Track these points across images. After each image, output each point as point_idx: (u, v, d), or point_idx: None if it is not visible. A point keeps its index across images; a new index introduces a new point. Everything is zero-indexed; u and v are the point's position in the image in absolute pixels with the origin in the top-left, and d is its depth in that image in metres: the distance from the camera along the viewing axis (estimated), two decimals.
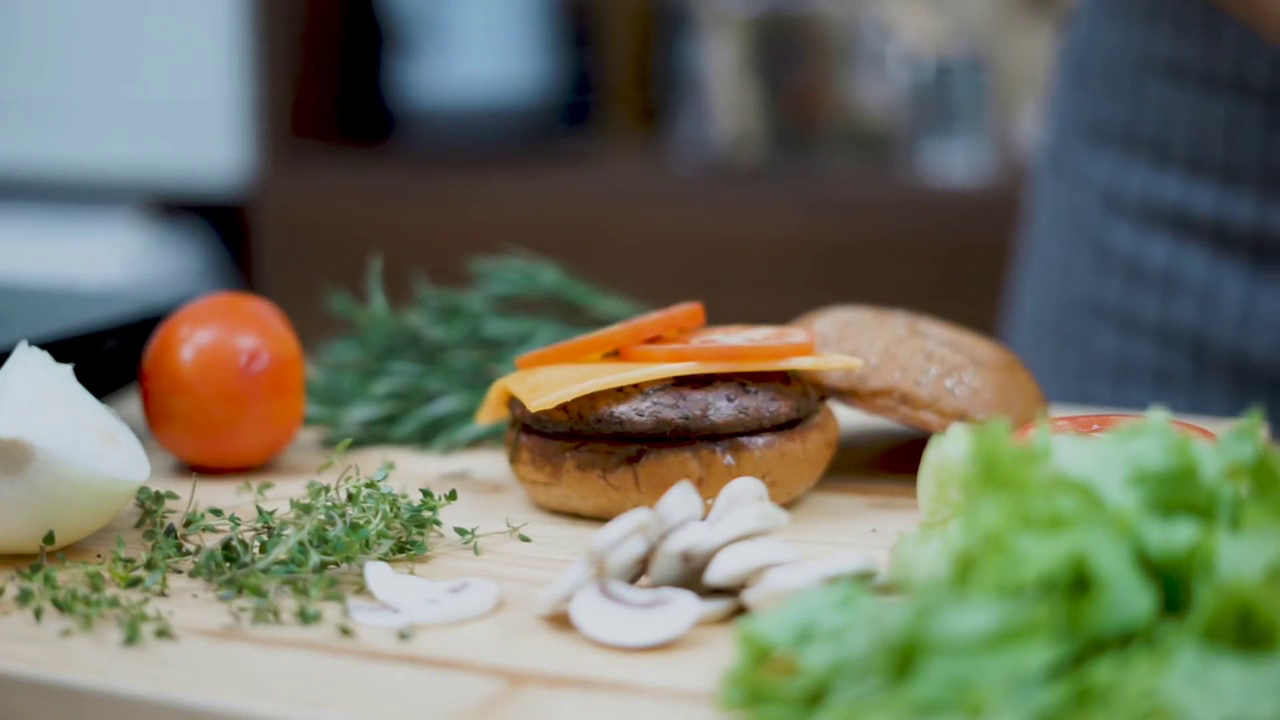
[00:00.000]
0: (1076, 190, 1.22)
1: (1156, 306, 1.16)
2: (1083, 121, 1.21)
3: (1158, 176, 1.15)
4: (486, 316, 1.03)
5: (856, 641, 0.54)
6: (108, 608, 0.69)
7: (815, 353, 0.84)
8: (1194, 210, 1.13)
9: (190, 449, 0.91)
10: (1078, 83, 1.22)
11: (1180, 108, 1.13)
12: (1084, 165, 1.20)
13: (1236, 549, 0.54)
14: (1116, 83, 1.17)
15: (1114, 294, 1.18)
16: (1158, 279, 1.16)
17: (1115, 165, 1.18)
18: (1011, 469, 0.57)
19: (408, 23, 2.80)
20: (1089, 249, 1.20)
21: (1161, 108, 1.14)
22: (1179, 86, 1.12)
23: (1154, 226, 1.15)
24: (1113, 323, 1.18)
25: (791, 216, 2.43)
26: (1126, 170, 1.17)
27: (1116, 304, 1.18)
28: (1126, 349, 1.18)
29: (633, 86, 2.70)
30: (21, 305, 1.05)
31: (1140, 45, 1.14)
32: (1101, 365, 1.19)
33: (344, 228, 2.57)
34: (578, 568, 0.67)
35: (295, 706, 0.60)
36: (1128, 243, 1.17)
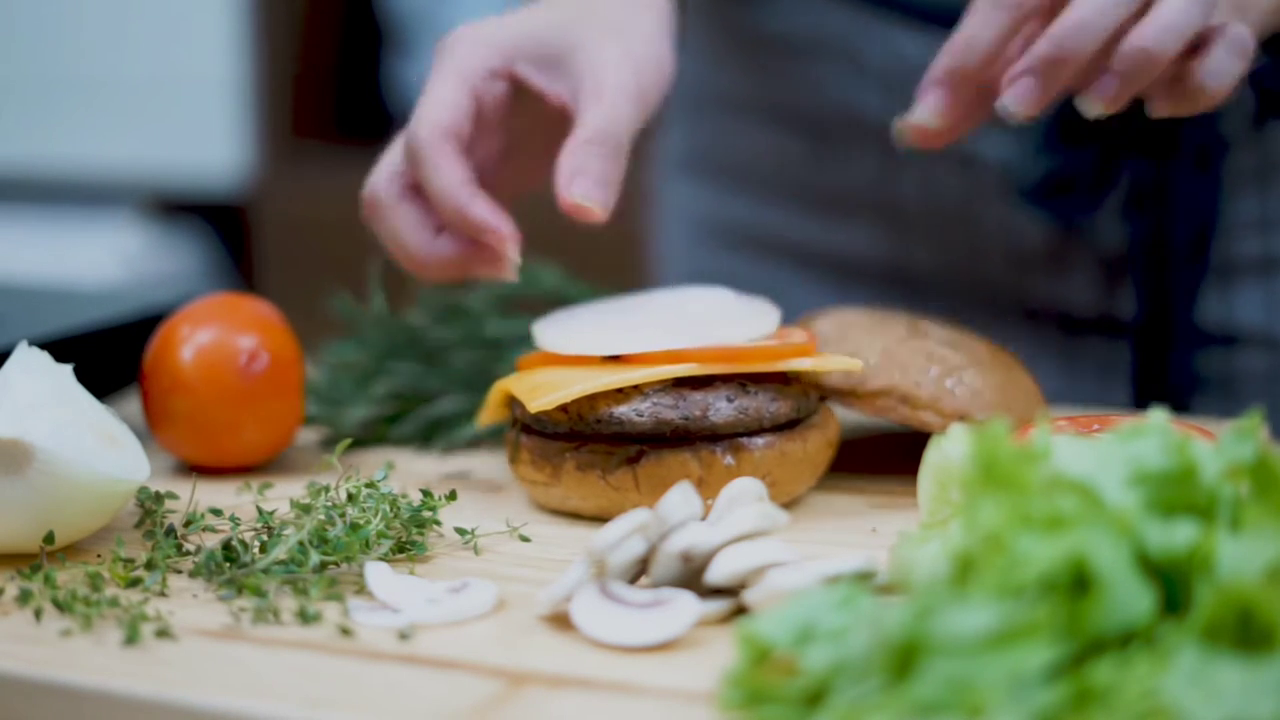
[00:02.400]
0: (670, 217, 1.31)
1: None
2: (673, 153, 1.29)
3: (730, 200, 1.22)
4: (486, 316, 1.03)
5: (856, 641, 0.54)
6: (108, 608, 0.69)
7: (815, 353, 0.84)
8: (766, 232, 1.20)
9: (190, 449, 0.91)
10: (670, 117, 1.28)
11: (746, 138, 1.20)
12: (673, 193, 1.29)
13: (1236, 549, 0.54)
14: (696, 113, 1.24)
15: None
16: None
17: (695, 192, 1.26)
18: (1011, 469, 0.57)
19: (408, 23, 2.80)
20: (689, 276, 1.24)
21: (733, 137, 1.21)
22: (746, 119, 1.19)
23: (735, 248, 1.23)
24: None
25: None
26: (703, 195, 1.25)
27: None
28: None
29: None
30: (21, 305, 1.05)
31: (711, 80, 1.21)
32: None
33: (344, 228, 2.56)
34: (578, 568, 0.67)
35: (295, 706, 0.60)
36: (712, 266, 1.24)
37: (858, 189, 1.15)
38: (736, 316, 0.85)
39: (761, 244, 1.21)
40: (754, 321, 0.85)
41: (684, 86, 1.19)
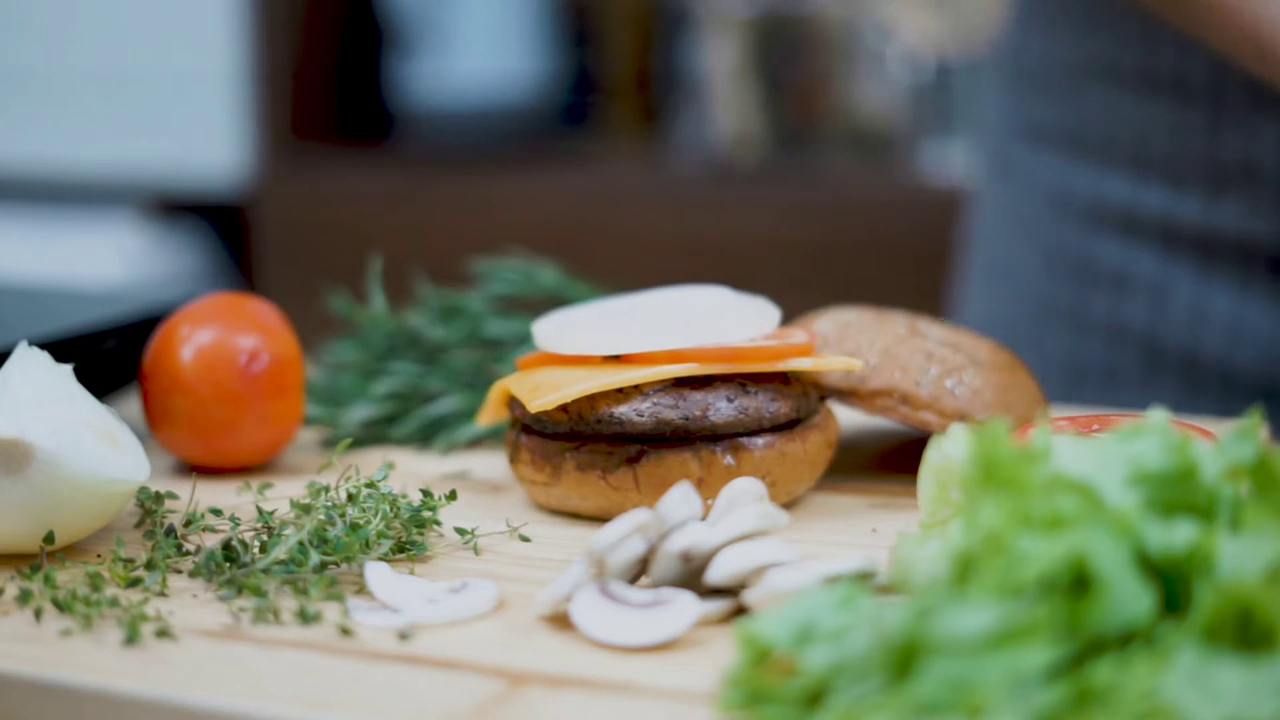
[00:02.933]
0: (1022, 193, 1.22)
1: (1106, 306, 1.18)
2: (1022, 125, 1.22)
3: (1104, 178, 1.16)
4: (486, 316, 1.03)
5: (856, 642, 0.54)
6: (108, 608, 0.69)
7: (815, 353, 0.84)
8: (1142, 210, 1.14)
9: (190, 449, 0.91)
10: (1015, 88, 1.23)
11: (1122, 110, 1.14)
12: (1027, 168, 1.21)
13: (1236, 549, 0.54)
14: (1054, 87, 1.18)
15: (1064, 295, 1.20)
16: (1107, 279, 1.17)
17: (1061, 167, 1.19)
18: (1011, 469, 0.57)
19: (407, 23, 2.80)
20: (1038, 251, 1.21)
21: (1103, 110, 1.15)
22: (1119, 90, 1.14)
23: (1102, 227, 1.16)
24: (1063, 323, 1.19)
25: (791, 216, 2.43)
26: (1072, 172, 1.18)
27: (1067, 305, 1.19)
28: (1077, 349, 1.19)
29: (633, 86, 2.70)
30: (21, 305, 1.05)
31: (1076, 50, 1.16)
32: (1052, 366, 1.20)
33: (344, 228, 2.57)
34: (578, 568, 0.67)
35: (295, 706, 0.60)
36: (1076, 244, 1.18)
37: (1256, 161, 1.10)
38: (736, 316, 0.85)
39: (1124, 221, 1.16)
40: (754, 321, 0.85)
41: (1037, 56, 1.16)
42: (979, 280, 1.29)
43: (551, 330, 0.86)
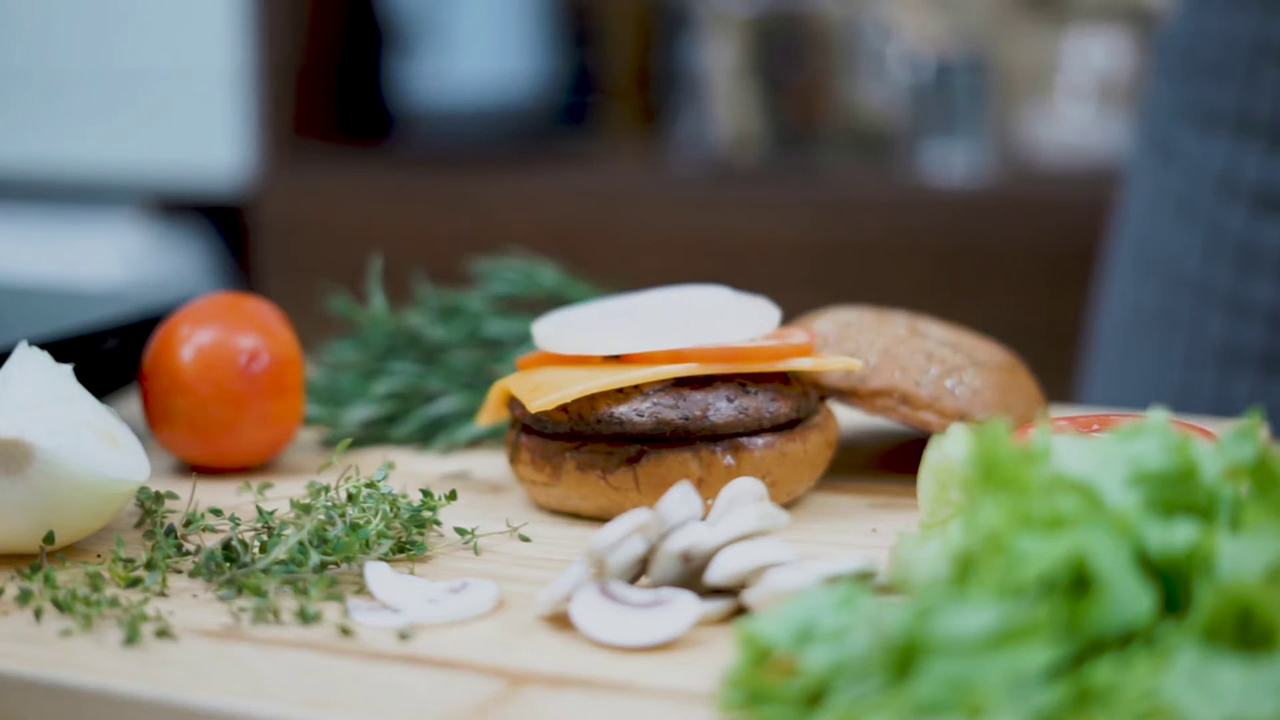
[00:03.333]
0: (1186, 176, 1.21)
1: (1270, 290, 1.16)
2: (1188, 109, 1.21)
3: (1275, 160, 1.14)
4: (486, 316, 1.03)
5: (856, 641, 0.54)
6: (108, 608, 0.69)
7: (815, 353, 0.84)
8: None
9: (190, 449, 0.91)
10: (1184, 72, 1.22)
11: None
12: (1194, 151, 1.20)
13: (1236, 549, 0.54)
14: (1229, 69, 1.17)
15: (1225, 278, 1.18)
16: (1272, 263, 1.15)
17: (1230, 150, 1.17)
18: (1011, 469, 0.57)
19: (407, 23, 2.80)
20: (1200, 233, 1.19)
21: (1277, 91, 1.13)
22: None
23: (1270, 210, 1.15)
24: (1223, 307, 1.18)
25: (791, 216, 2.43)
26: (1242, 154, 1.16)
27: (1228, 288, 1.17)
28: (1235, 334, 1.17)
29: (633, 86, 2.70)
30: (21, 305, 1.05)
31: (1255, 30, 1.14)
32: (1208, 351, 1.18)
33: (344, 228, 2.57)
34: (578, 568, 0.67)
35: (295, 706, 0.60)
36: (1242, 226, 1.16)
37: None
38: (736, 316, 0.85)
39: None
40: (754, 321, 0.85)
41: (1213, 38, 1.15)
42: (1128, 263, 1.27)
43: (551, 330, 0.86)
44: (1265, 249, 1.15)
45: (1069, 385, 1.62)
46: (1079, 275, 2.48)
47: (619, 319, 0.85)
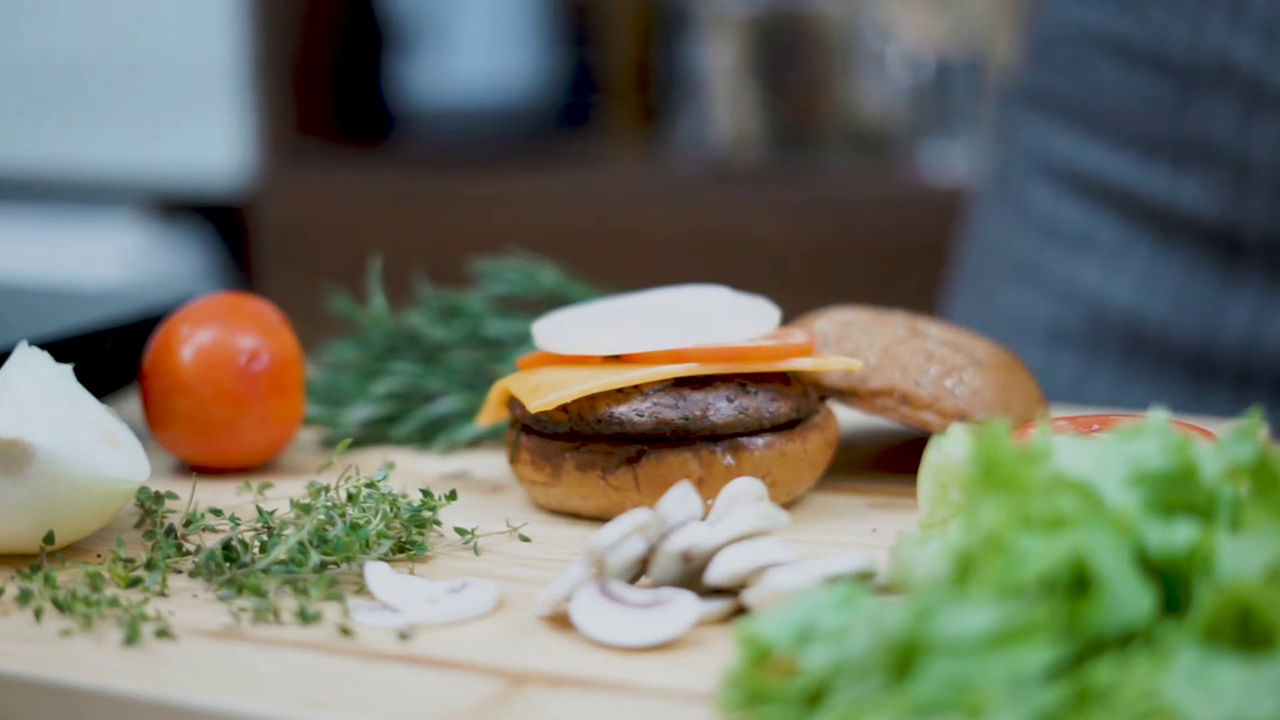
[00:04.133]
0: (1008, 155, 1.27)
1: (1063, 266, 1.20)
2: (1021, 88, 1.27)
3: (1081, 143, 1.19)
4: (486, 316, 1.03)
5: (856, 642, 0.54)
6: (108, 608, 0.69)
7: (815, 353, 0.84)
8: (1109, 177, 1.17)
9: (190, 449, 0.91)
10: (1030, 56, 1.27)
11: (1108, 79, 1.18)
12: (1018, 128, 1.25)
13: (1236, 549, 0.54)
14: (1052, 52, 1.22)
15: (1024, 250, 1.22)
16: (1069, 240, 1.20)
17: (1045, 130, 1.22)
18: (1011, 469, 0.57)
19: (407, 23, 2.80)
20: (1010, 205, 1.24)
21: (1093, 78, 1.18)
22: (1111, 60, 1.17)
23: (1071, 190, 1.20)
24: (1017, 278, 1.22)
25: (791, 216, 2.44)
26: (1053, 135, 1.21)
27: (1025, 260, 1.22)
28: (1026, 305, 1.22)
29: (633, 86, 2.70)
30: (21, 305, 1.05)
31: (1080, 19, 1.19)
32: (1000, 320, 1.23)
33: (344, 228, 2.57)
34: (578, 568, 0.67)
35: (295, 706, 0.60)
36: (1045, 205, 1.21)
37: (1212, 139, 1.13)
38: (736, 316, 0.85)
39: (1089, 186, 1.19)
40: (754, 321, 0.85)
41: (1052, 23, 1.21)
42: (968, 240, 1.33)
43: (551, 330, 0.86)
44: (1063, 226, 1.20)
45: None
46: None
47: (619, 319, 0.85)
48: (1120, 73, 1.17)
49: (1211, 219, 1.14)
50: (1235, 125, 1.11)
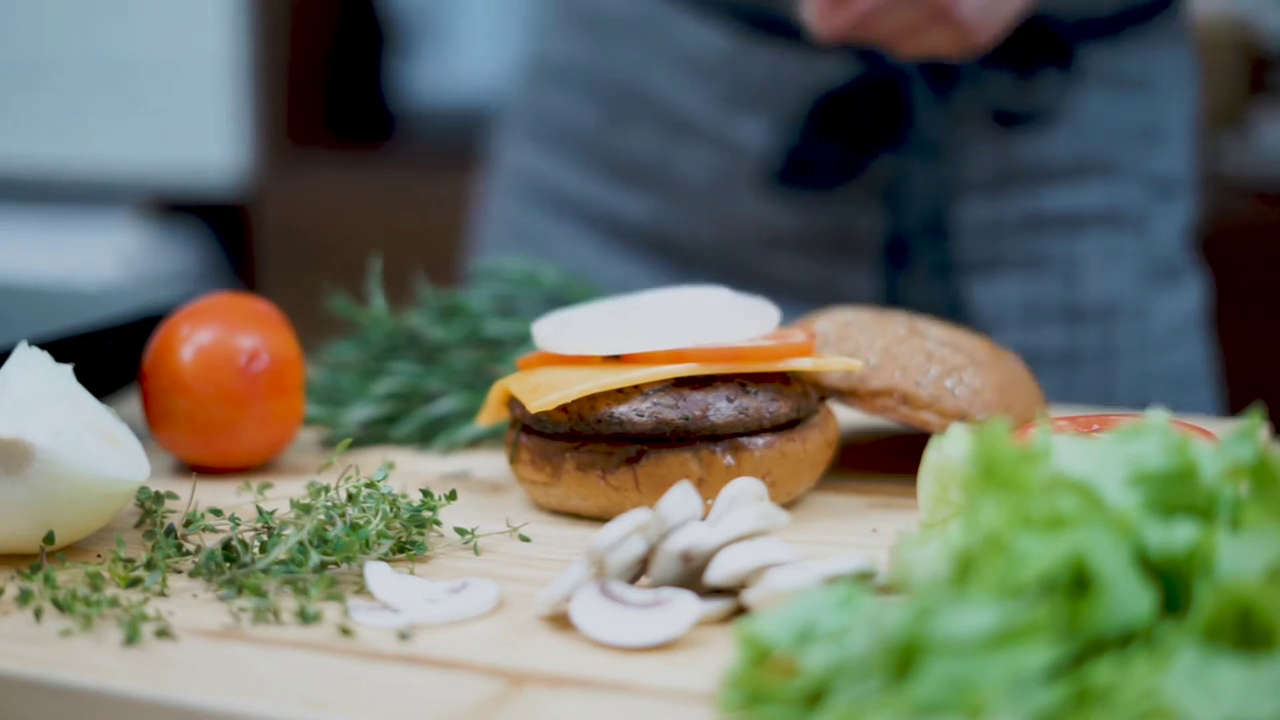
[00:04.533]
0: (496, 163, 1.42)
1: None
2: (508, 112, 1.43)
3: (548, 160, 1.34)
4: (486, 316, 1.03)
5: (856, 642, 0.54)
6: (108, 608, 0.69)
7: (815, 353, 0.84)
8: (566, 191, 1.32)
9: (190, 449, 0.91)
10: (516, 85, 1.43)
11: (559, 104, 1.33)
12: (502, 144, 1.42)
13: (1236, 549, 0.54)
14: (529, 81, 1.37)
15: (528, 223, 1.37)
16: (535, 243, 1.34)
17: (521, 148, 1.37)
18: (1011, 469, 0.57)
19: (406, 22, 2.80)
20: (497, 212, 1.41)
21: (553, 103, 1.34)
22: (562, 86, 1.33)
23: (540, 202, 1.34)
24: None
25: None
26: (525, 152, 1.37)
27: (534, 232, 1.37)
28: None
29: None
30: (21, 305, 1.05)
31: (540, 50, 1.37)
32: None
33: (344, 228, 2.57)
34: (578, 568, 0.67)
35: (295, 706, 0.60)
36: (515, 213, 1.37)
37: (641, 160, 1.27)
38: (736, 316, 0.85)
39: (560, 203, 1.32)
40: (754, 321, 0.85)
41: (526, 51, 1.35)
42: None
43: (551, 330, 0.86)
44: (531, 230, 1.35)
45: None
46: None
47: (619, 319, 0.86)
48: (570, 97, 1.31)
49: (658, 230, 1.28)
50: (655, 149, 1.26)
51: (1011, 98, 1.20)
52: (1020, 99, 1.21)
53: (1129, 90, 1.24)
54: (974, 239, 1.22)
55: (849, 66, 1.18)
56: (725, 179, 1.24)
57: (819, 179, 1.22)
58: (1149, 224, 1.26)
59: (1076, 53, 1.21)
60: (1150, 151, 1.26)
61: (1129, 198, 1.25)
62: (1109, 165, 1.24)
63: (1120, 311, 1.25)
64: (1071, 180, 1.23)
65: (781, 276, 1.23)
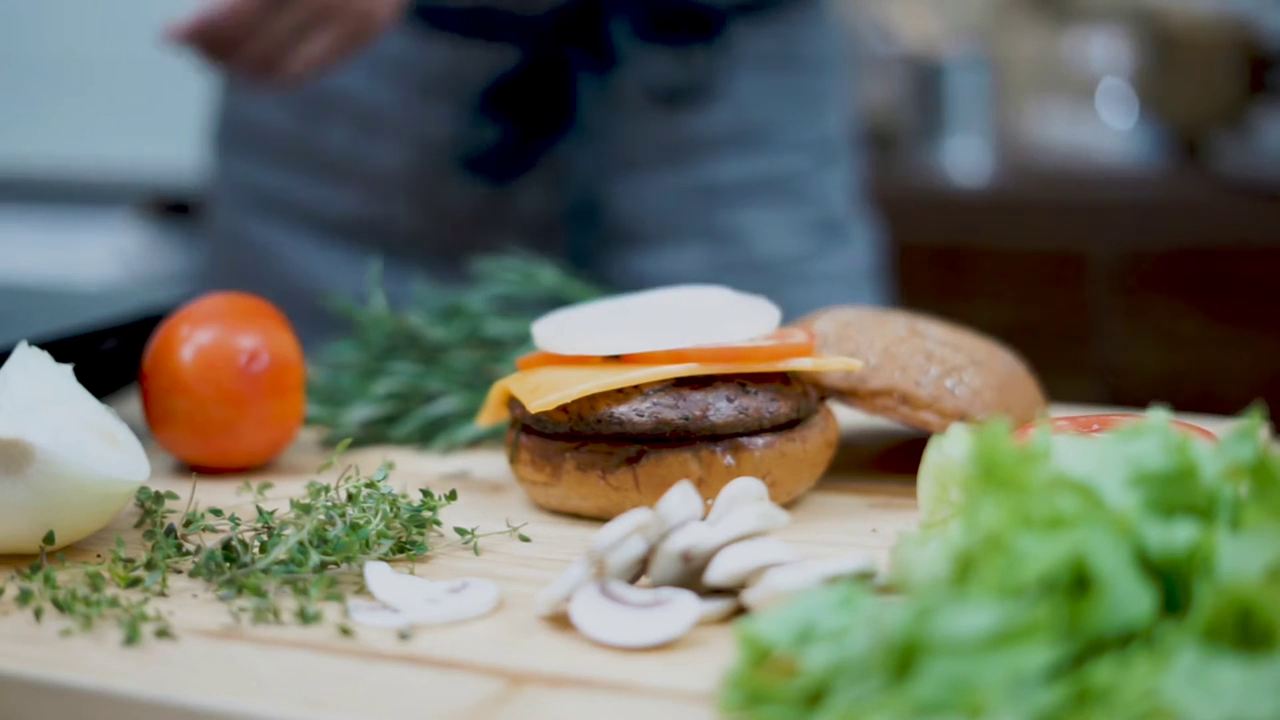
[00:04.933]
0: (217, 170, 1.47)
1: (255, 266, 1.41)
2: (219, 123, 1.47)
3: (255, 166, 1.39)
4: (486, 316, 1.03)
5: (856, 642, 0.54)
6: (108, 608, 0.69)
7: (815, 353, 0.84)
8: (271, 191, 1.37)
9: (190, 449, 0.91)
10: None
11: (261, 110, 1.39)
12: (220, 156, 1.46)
13: (1236, 549, 0.54)
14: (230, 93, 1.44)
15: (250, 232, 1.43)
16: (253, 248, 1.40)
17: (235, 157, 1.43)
18: (1011, 469, 0.57)
19: None
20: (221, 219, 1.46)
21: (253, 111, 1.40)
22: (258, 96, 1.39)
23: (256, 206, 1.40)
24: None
25: None
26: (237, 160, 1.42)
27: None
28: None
29: None
30: (21, 305, 1.05)
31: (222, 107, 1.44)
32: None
33: None
34: (578, 568, 0.67)
35: (295, 706, 0.60)
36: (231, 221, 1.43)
37: (339, 157, 1.33)
38: (736, 316, 0.85)
39: (268, 204, 1.38)
40: (754, 321, 0.85)
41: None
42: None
43: (551, 330, 0.86)
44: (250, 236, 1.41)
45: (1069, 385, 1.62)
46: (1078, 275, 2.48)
47: (619, 319, 0.86)
48: (268, 103, 1.36)
49: (368, 222, 1.34)
50: (353, 143, 1.33)
51: (669, 76, 1.28)
52: (677, 77, 1.29)
53: (782, 64, 1.32)
54: (650, 214, 1.30)
55: (517, 55, 1.26)
56: (419, 168, 1.31)
57: (499, 165, 1.30)
58: (814, 187, 1.37)
59: (727, 30, 1.30)
60: (808, 120, 1.36)
61: (792, 164, 1.35)
62: (769, 135, 1.33)
63: (790, 269, 1.34)
64: (736, 151, 1.32)
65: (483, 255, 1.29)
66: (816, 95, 1.38)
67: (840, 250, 1.39)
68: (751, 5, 1.31)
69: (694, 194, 1.32)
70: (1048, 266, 2.48)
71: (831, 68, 1.39)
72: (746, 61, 1.32)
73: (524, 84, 1.28)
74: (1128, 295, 2.44)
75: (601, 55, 1.27)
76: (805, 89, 1.36)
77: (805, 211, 1.37)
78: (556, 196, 1.30)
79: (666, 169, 1.31)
